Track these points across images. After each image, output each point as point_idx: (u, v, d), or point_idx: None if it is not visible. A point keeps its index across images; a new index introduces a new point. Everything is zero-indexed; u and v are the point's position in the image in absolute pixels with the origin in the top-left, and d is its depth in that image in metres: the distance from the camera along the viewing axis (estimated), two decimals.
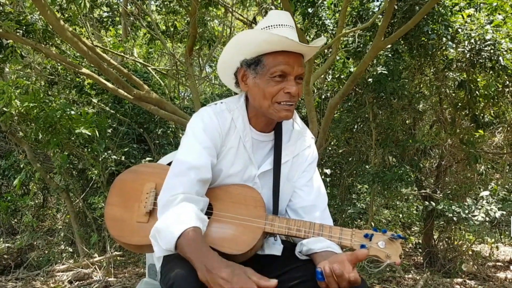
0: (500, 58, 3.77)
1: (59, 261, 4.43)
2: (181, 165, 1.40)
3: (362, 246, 1.33)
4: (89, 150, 4.42)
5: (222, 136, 1.46)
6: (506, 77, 4.07)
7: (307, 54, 1.46)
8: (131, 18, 6.42)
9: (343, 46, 4.46)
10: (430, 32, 3.86)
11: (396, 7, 3.88)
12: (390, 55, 4.18)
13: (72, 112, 3.98)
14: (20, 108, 3.78)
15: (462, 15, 4.03)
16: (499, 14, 4.07)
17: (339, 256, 1.24)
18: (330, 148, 5.16)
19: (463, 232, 4.84)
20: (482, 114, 4.39)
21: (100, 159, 4.35)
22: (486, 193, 4.02)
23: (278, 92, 1.39)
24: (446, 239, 4.73)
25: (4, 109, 3.83)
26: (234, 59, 1.46)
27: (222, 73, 1.56)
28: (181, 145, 1.46)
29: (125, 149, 4.71)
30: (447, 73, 4.38)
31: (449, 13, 4.00)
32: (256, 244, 1.37)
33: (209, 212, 1.44)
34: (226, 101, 1.54)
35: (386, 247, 1.33)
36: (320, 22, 4.51)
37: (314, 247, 1.37)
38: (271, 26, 1.41)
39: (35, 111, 3.88)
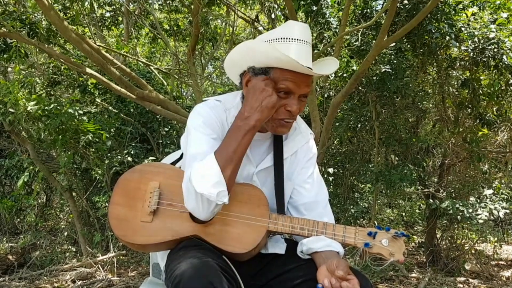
0: (504, 56, 3.75)
1: (62, 260, 4.44)
2: (197, 156, 1.37)
3: (366, 244, 1.34)
4: (94, 150, 4.43)
5: (221, 126, 1.47)
6: (509, 76, 4.05)
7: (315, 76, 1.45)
8: (134, 17, 6.43)
9: (346, 45, 4.45)
10: (433, 31, 3.85)
11: (400, 6, 3.87)
12: (393, 53, 4.17)
13: (79, 117, 4.00)
14: (31, 109, 3.78)
15: (465, 13, 4.02)
16: (503, 12, 4.06)
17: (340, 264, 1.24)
18: (333, 147, 5.15)
19: (466, 231, 4.83)
20: (485, 113, 4.38)
21: (105, 159, 4.35)
22: (490, 191, 4.01)
23: (280, 108, 1.39)
24: (449, 238, 4.71)
25: (11, 109, 3.83)
26: (243, 62, 1.45)
27: (228, 69, 1.55)
28: (189, 143, 1.45)
29: (130, 149, 4.72)
30: (450, 72, 4.36)
31: (453, 12, 3.99)
32: (260, 243, 1.38)
33: None
34: (222, 98, 1.54)
35: (390, 245, 1.34)
36: (324, 20, 4.50)
37: (314, 246, 1.38)
38: (288, 39, 1.38)
39: (41, 111, 3.88)
